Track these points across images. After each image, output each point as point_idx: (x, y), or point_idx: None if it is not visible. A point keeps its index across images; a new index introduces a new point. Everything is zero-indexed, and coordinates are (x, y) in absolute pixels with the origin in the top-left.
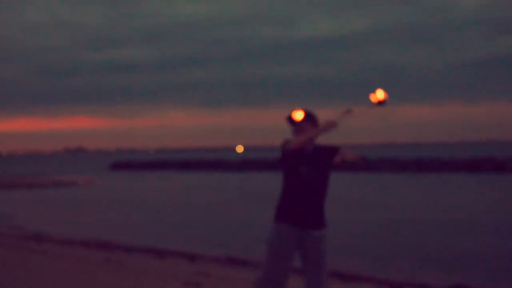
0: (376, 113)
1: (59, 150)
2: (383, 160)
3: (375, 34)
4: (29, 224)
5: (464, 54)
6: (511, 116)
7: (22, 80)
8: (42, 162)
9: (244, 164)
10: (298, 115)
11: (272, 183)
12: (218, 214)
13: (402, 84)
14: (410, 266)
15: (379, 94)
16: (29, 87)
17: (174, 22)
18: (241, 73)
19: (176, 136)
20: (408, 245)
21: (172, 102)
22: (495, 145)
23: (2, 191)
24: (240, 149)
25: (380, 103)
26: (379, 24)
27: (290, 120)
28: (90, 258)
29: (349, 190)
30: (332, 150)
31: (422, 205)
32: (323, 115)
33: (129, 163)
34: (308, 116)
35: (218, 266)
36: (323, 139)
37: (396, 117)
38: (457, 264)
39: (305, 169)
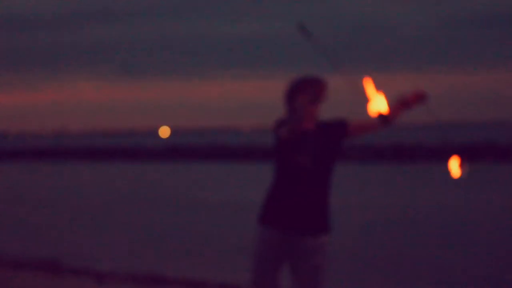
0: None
1: None
2: (351, 147)
3: None
4: None
5: (460, 8)
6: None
7: None
8: None
9: (171, 152)
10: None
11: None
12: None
13: (378, 46)
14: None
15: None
16: None
17: None
18: (167, 32)
19: (82, 115)
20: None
21: (76, 71)
22: (496, 126)
23: None
24: (164, 132)
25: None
26: None
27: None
28: None
29: None
30: (340, 127)
31: (402, 206)
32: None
33: (15, 151)
34: (304, 84)
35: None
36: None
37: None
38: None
39: (303, 158)
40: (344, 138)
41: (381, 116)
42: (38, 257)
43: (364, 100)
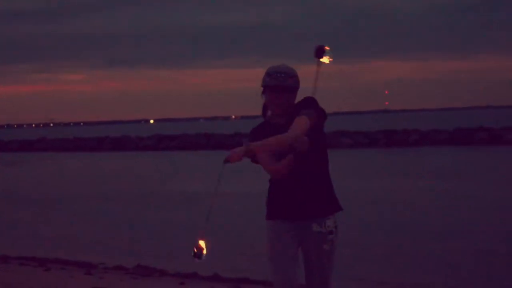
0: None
1: None
2: (343, 132)
3: None
4: None
5: None
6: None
7: None
8: None
9: (158, 143)
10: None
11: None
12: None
13: (370, 33)
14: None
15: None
16: None
17: None
18: (156, 21)
19: (71, 106)
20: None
21: (64, 62)
22: (486, 113)
23: None
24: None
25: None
26: None
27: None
28: None
29: None
30: (302, 107)
31: (403, 190)
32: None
33: (4, 143)
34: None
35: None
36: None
37: (362, 78)
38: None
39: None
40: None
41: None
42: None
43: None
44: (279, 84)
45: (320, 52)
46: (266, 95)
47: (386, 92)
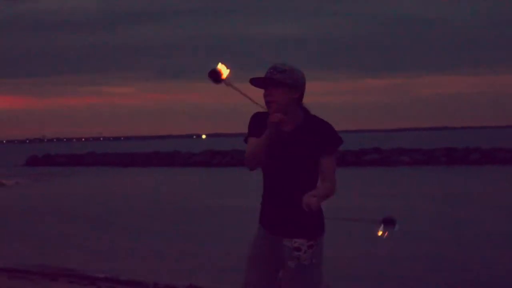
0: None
1: None
2: (401, 150)
3: None
4: None
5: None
6: None
7: None
8: None
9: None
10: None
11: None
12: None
13: (426, 45)
14: None
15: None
16: None
17: None
18: (209, 33)
19: (119, 120)
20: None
21: (114, 74)
22: None
23: None
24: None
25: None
26: None
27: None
28: None
29: (351, 194)
30: (328, 143)
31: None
32: (316, 87)
33: (52, 156)
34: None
35: None
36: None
37: (417, 92)
38: None
39: (279, 156)
40: (320, 152)
41: None
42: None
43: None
44: (265, 77)
45: (215, 76)
46: None
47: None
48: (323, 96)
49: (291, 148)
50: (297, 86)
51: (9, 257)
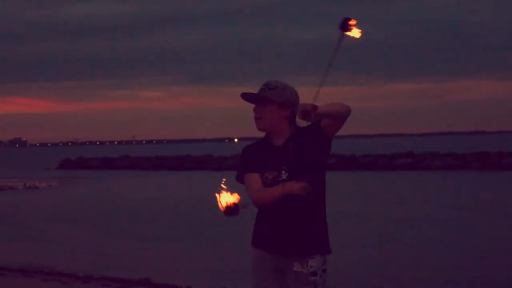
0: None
1: None
2: (434, 154)
3: None
4: None
5: None
6: None
7: None
8: None
9: None
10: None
11: None
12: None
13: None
14: None
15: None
16: None
17: None
18: (240, 37)
19: (152, 123)
20: None
21: (146, 77)
22: None
23: None
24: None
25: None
26: None
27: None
28: None
29: (386, 198)
30: (318, 134)
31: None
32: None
33: (85, 160)
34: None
35: None
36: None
37: (450, 97)
38: None
39: (274, 173)
40: (322, 148)
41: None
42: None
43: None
44: (256, 93)
45: (345, 25)
46: None
47: None
48: (356, 101)
49: (284, 161)
50: (287, 103)
51: (41, 260)
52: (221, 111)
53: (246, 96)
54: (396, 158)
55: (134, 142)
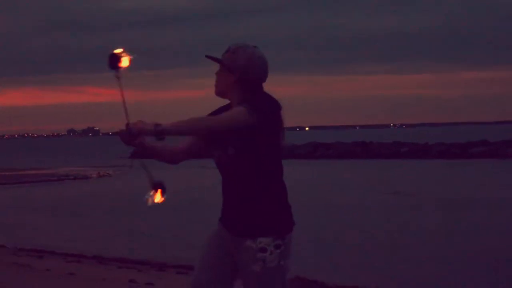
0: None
1: (61, 131)
2: (509, 142)
3: None
4: (24, 233)
5: None
6: None
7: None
8: (38, 148)
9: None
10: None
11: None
12: None
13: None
14: None
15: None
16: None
17: None
18: (310, 26)
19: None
20: None
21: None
22: None
23: None
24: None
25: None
26: None
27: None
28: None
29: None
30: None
31: None
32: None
33: None
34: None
35: None
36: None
37: None
38: None
39: (217, 152)
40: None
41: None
42: None
43: None
44: (208, 55)
45: (114, 61)
46: None
47: None
48: (436, 89)
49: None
50: (233, 67)
51: (119, 249)
52: (292, 100)
53: (210, 58)
54: (471, 147)
55: None
